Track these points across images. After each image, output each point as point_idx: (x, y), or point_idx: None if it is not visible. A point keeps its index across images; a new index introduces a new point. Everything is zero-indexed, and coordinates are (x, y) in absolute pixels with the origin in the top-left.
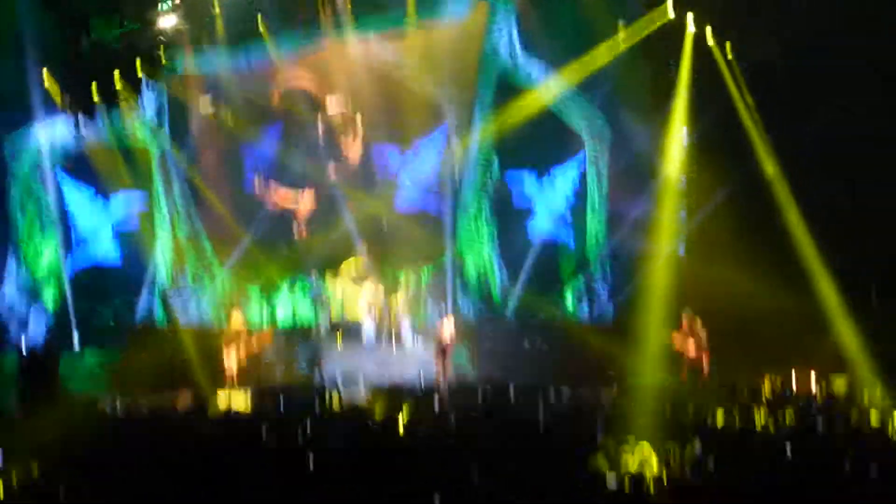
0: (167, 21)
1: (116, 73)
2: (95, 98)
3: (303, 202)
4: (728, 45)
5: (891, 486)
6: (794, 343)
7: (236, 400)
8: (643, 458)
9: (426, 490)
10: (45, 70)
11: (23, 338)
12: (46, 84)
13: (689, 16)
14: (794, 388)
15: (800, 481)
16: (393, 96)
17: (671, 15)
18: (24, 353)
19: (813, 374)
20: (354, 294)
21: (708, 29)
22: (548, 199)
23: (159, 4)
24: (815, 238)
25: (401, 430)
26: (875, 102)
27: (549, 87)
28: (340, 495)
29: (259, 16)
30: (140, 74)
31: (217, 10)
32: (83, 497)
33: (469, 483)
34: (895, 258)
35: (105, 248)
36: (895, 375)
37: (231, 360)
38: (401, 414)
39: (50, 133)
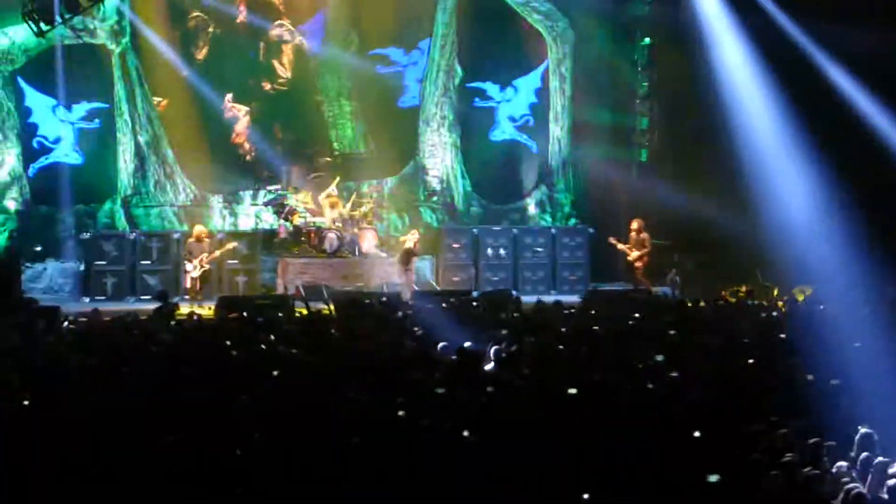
0: None
1: None
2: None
3: (242, 117)
4: None
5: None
6: (757, 256)
7: (199, 309)
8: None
9: (388, 395)
10: None
11: None
12: None
13: None
14: (756, 300)
15: (760, 390)
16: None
17: None
18: None
19: (775, 288)
20: (317, 205)
21: None
22: (511, 106)
23: None
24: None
25: (362, 338)
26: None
27: None
28: (304, 401)
29: None
30: None
31: None
32: (48, 405)
33: (431, 389)
34: (860, 173)
35: (67, 155)
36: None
37: (193, 269)
38: (363, 322)
39: (10, 38)
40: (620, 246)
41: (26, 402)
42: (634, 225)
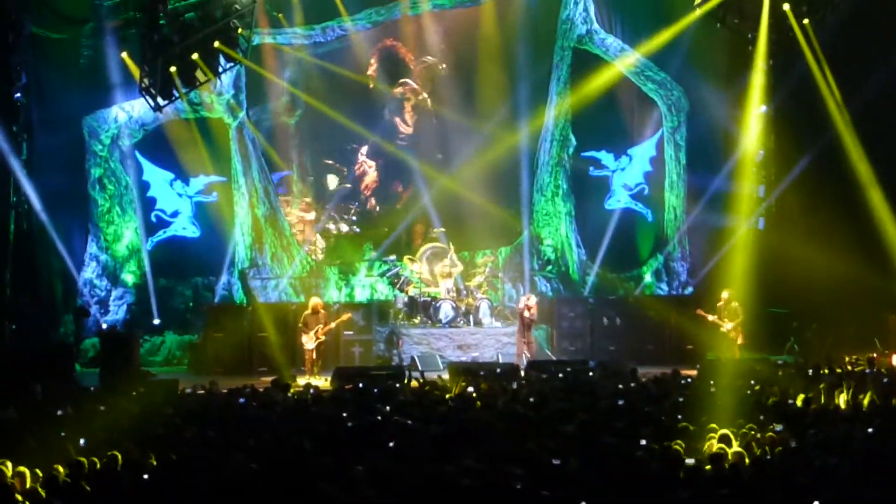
0: None
1: (193, 48)
2: (173, 74)
3: (370, 174)
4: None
5: None
6: (876, 322)
7: (315, 381)
8: (723, 438)
9: (504, 465)
10: (124, 53)
11: (104, 319)
12: (125, 62)
13: None
14: (875, 367)
15: (881, 461)
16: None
17: None
18: (105, 335)
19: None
20: (432, 275)
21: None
22: (625, 175)
23: None
24: None
25: (477, 408)
26: None
27: (625, 59)
28: (419, 471)
29: None
30: (216, 45)
31: None
32: (166, 477)
33: (545, 459)
34: None
35: (185, 228)
36: None
37: (309, 341)
38: (478, 392)
39: (128, 112)
40: (711, 318)
41: (146, 476)
42: (725, 295)
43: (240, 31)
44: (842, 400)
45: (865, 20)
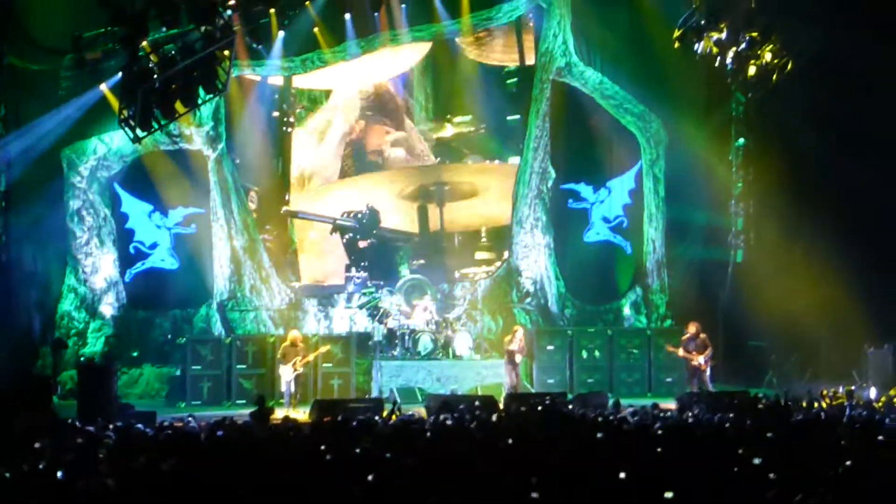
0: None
1: (172, 79)
2: (152, 106)
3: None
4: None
5: None
6: (855, 354)
7: (294, 413)
8: None
9: (482, 498)
10: (103, 85)
11: (81, 351)
12: (104, 93)
13: None
14: (854, 400)
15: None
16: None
17: None
18: (83, 367)
19: (873, 387)
20: (411, 306)
21: None
22: (604, 207)
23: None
24: (876, 246)
25: (456, 440)
26: None
27: (604, 92)
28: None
29: (316, 29)
30: (196, 76)
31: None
32: None
33: (525, 491)
34: None
35: (163, 260)
36: None
37: (288, 373)
38: (456, 423)
39: (107, 144)
40: (682, 353)
41: None
42: (692, 329)
43: (219, 62)
44: (819, 434)
45: (840, 52)
